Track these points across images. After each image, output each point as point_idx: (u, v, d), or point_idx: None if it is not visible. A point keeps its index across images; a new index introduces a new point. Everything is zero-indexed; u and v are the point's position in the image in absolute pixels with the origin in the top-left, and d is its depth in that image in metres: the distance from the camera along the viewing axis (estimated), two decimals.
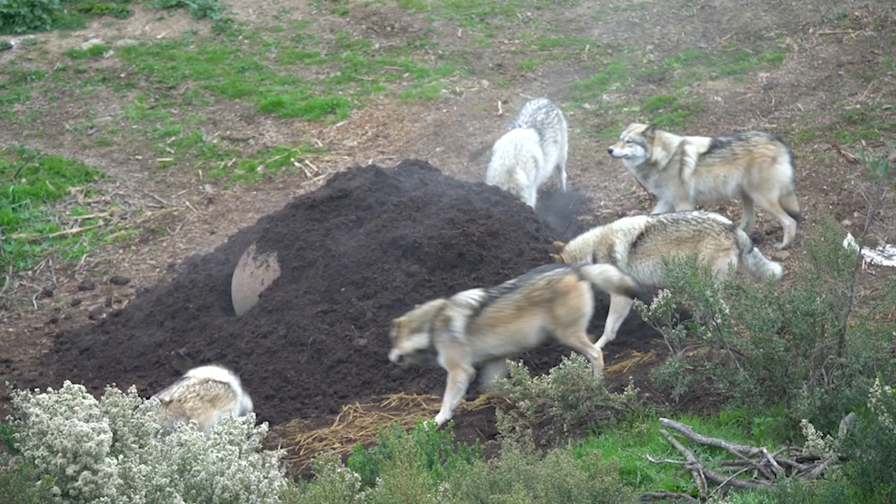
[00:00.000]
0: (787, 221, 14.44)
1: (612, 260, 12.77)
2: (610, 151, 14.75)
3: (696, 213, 13.17)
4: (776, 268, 12.84)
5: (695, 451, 9.59)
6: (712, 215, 13.09)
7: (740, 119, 17.27)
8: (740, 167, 14.53)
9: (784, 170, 14.53)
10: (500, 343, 11.94)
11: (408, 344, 12.05)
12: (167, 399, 10.98)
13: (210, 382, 11.32)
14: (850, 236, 11.41)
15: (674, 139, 14.72)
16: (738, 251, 12.62)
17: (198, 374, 11.48)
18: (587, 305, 11.90)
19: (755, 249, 12.85)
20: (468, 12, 21.11)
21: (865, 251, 13.50)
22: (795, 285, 11.44)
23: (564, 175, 16.49)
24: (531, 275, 12.07)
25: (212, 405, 11.18)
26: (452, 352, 11.92)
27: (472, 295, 12.09)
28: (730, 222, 12.97)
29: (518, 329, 11.90)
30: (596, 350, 11.88)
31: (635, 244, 12.78)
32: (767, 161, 14.51)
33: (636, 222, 13.04)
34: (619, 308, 12.80)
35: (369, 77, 19.58)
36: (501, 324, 11.90)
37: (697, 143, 14.71)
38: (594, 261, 12.83)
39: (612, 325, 12.82)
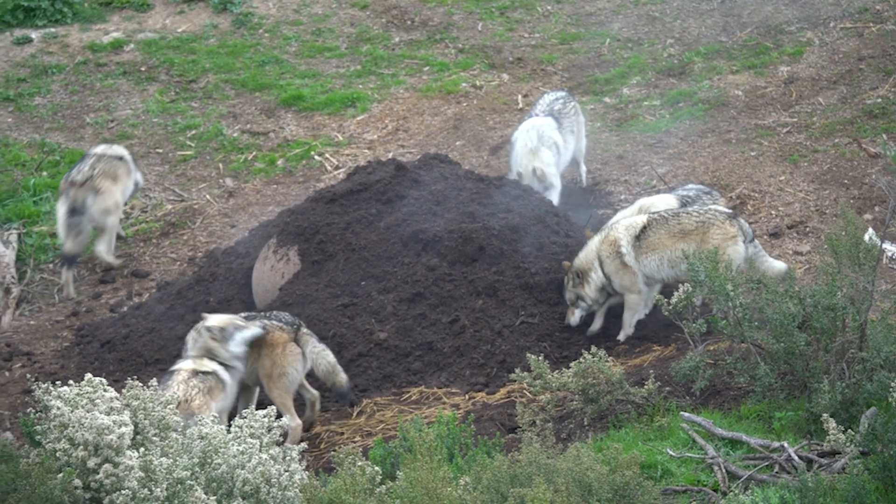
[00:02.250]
0: None
1: (619, 257, 12.69)
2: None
3: (696, 206, 13.15)
4: (778, 264, 12.74)
5: (716, 446, 9.58)
6: (713, 206, 13.06)
7: (761, 113, 17.23)
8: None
9: None
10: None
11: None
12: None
13: (201, 374, 11.32)
14: (871, 230, 11.38)
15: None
16: (743, 238, 12.55)
17: (183, 366, 11.45)
18: (291, 367, 11.84)
19: (755, 240, 12.80)
20: (488, 6, 21.10)
21: (886, 245, 13.47)
22: (816, 279, 11.41)
23: (584, 169, 16.47)
24: (270, 315, 12.07)
25: (210, 398, 11.20)
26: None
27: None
28: (731, 211, 12.96)
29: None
30: (295, 420, 11.76)
31: (639, 238, 12.71)
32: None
33: (637, 218, 12.98)
34: (633, 305, 12.80)
35: (389, 71, 19.59)
36: None
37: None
38: (600, 264, 12.77)
39: (628, 319, 12.83)
